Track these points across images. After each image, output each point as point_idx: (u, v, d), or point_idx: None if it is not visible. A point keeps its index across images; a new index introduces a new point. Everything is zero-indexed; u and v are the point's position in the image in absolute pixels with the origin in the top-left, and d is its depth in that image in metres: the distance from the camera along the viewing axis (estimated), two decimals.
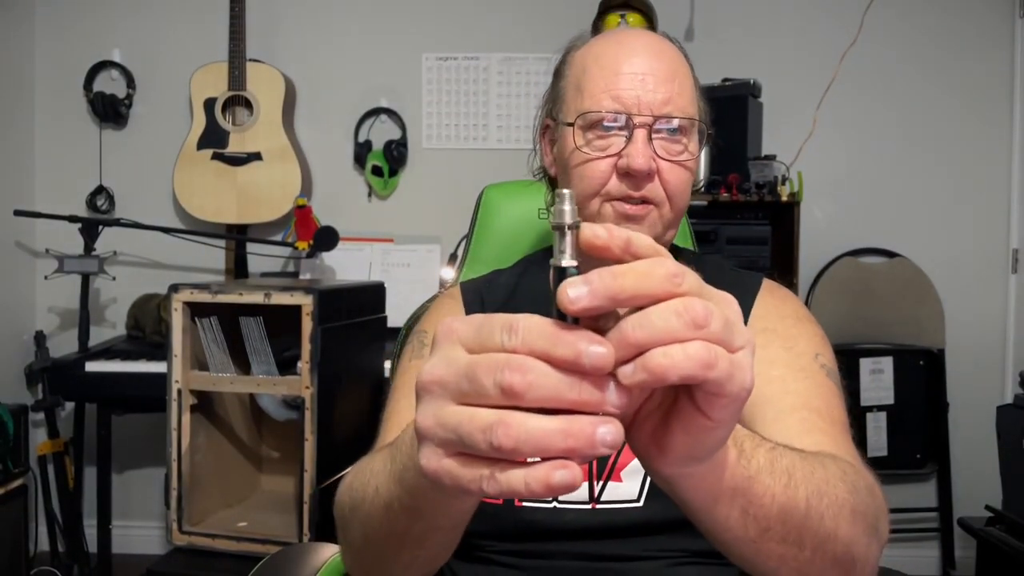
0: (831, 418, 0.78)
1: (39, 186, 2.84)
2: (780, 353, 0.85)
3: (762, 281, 0.97)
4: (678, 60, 0.91)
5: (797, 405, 0.78)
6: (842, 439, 0.76)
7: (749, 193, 2.49)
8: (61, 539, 2.53)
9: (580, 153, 0.89)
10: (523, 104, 2.81)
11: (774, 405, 0.79)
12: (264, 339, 1.82)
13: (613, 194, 0.89)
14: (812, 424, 0.76)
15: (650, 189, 0.88)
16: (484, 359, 0.40)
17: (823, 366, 0.85)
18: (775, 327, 0.88)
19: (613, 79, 0.88)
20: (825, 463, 0.62)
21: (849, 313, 2.68)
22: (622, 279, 0.40)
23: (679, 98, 0.88)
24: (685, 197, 0.91)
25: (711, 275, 0.92)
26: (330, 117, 2.82)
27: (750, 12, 2.77)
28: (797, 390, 0.80)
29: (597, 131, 0.89)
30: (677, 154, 0.88)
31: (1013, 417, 2.12)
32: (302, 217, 2.43)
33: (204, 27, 2.77)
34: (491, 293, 1.00)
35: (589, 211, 0.91)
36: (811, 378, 0.82)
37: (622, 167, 0.87)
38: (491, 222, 1.33)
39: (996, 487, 2.18)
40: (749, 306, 0.91)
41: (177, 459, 1.81)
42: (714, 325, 0.40)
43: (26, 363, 2.70)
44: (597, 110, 0.88)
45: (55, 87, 2.82)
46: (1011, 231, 2.77)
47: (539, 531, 0.83)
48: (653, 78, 0.87)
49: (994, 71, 2.75)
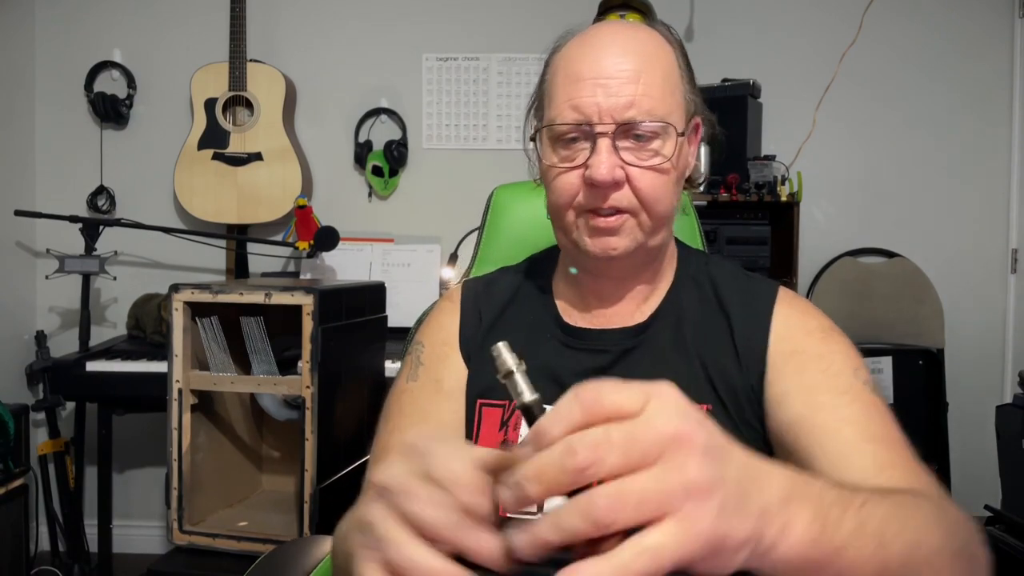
0: (893, 443, 0.75)
1: (40, 186, 2.85)
2: (819, 377, 0.81)
3: (777, 291, 0.91)
4: (649, 54, 0.86)
5: (859, 437, 0.75)
6: (912, 466, 0.73)
7: (749, 193, 2.49)
8: (62, 539, 2.54)
9: (550, 165, 0.88)
10: (523, 104, 2.77)
11: (834, 438, 0.75)
12: (264, 339, 1.83)
13: (584, 206, 0.86)
14: (882, 459, 0.73)
15: (619, 198, 0.84)
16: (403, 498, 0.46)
17: (865, 383, 0.80)
18: (804, 347, 0.84)
19: (574, 87, 0.84)
20: (920, 507, 0.59)
21: (848, 313, 2.68)
22: (532, 490, 0.42)
23: (645, 99, 0.83)
24: (665, 201, 0.86)
25: (721, 282, 0.92)
26: (330, 117, 2.83)
27: (750, 12, 2.77)
28: (852, 418, 0.76)
29: (563, 142, 0.86)
30: (648, 158, 0.84)
31: (1012, 417, 2.12)
32: (302, 217, 2.44)
33: (204, 27, 2.77)
34: (491, 297, 1.00)
35: (565, 222, 0.88)
36: (858, 400, 0.78)
37: (587, 178, 0.84)
38: (500, 223, 1.33)
39: (995, 487, 2.18)
40: (766, 320, 0.87)
41: (178, 459, 1.81)
42: (623, 519, 0.40)
43: (27, 363, 2.70)
44: (560, 122, 0.85)
45: (56, 87, 2.83)
46: (1011, 231, 2.77)
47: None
48: (616, 81, 0.83)
49: (994, 71, 2.75)
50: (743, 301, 0.90)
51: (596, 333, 0.92)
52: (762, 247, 2.49)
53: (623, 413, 0.43)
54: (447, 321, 1.00)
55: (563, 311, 0.96)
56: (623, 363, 0.89)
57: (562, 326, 0.94)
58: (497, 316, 0.98)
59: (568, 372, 0.89)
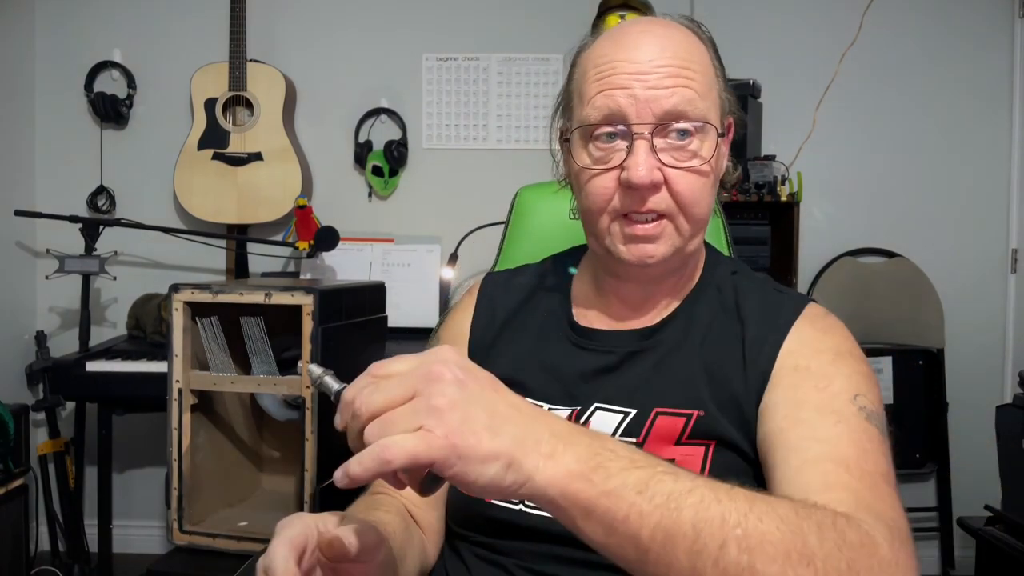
0: (861, 470, 0.70)
1: (40, 186, 2.85)
2: (811, 394, 0.77)
3: (804, 308, 0.86)
4: (687, 48, 0.82)
5: (822, 456, 0.71)
6: (870, 494, 0.68)
7: (749, 193, 2.49)
8: (62, 539, 2.54)
9: (583, 167, 0.84)
10: (523, 104, 2.82)
11: (799, 454, 0.73)
12: (265, 339, 1.83)
13: (619, 210, 0.83)
14: (835, 479, 0.69)
15: (657, 201, 0.81)
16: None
17: (862, 408, 0.76)
18: (808, 364, 0.80)
19: (608, 80, 0.81)
20: (764, 498, 0.59)
21: (848, 313, 2.67)
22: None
23: (687, 90, 0.80)
24: (703, 204, 0.83)
25: (745, 292, 0.90)
26: (330, 117, 2.83)
27: (750, 12, 2.77)
28: (827, 437, 0.73)
29: (598, 142, 0.83)
30: (687, 159, 0.81)
31: (1012, 417, 2.12)
32: (302, 217, 2.44)
33: (204, 27, 2.77)
34: (509, 293, 1.01)
35: (599, 228, 0.85)
36: (844, 422, 0.74)
37: (624, 180, 0.81)
38: (524, 223, 1.34)
39: (995, 487, 2.18)
40: (782, 333, 0.83)
41: (178, 459, 1.81)
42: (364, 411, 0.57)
43: (27, 363, 2.70)
44: (594, 121, 0.82)
45: (56, 87, 2.83)
46: (1011, 231, 2.77)
47: (510, 529, 0.83)
48: (654, 75, 0.80)
49: (994, 71, 2.75)
50: (763, 312, 0.87)
51: (606, 334, 0.92)
52: (762, 247, 2.49)
53: (400, 374, 0.57)
54: (460, 318, 1.01)
55: (577, 311, 0.96)
56: (626, 365, 0.89)
57: (573, 326, 0.94)
58: (513, 312, 0.99)
59: (573, 371, 0.90)
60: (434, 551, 0.92)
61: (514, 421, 0.57)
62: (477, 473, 0.54)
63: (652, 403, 0.85)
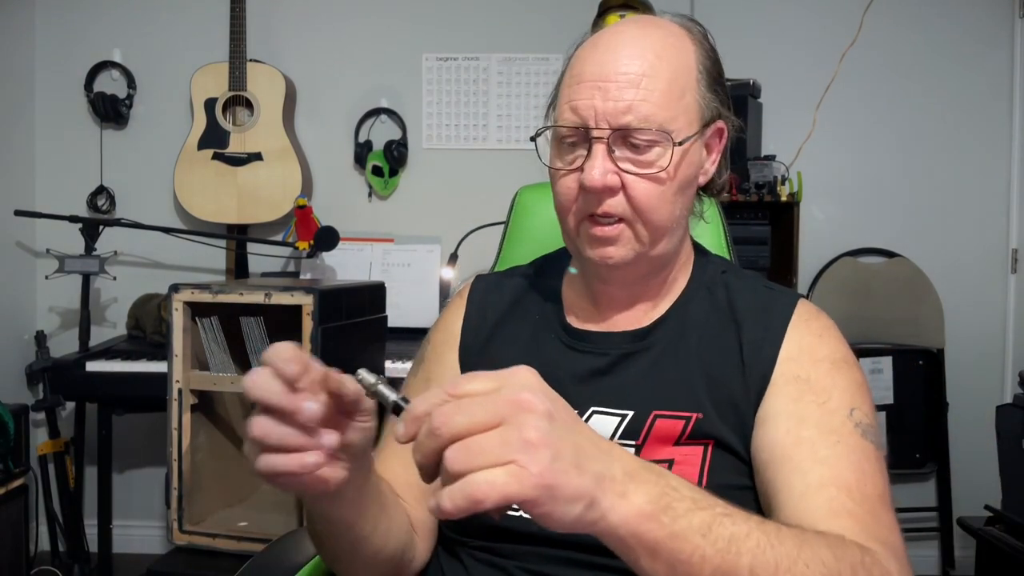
0: (863, 494, 0.73)
1: (40, 186, 2.85)
2: (811, 409, 0.79)
3: (795, 306, 0.88)
4: (656, 56, 0.82)
5: (826, 480, 0.74)
6: (873, 520, 0.71)
7: (748, 193, 2.49)
8: (62, 539, 2.54)
9: (553, 168, 0.87)
10: (523, 104, 2.82)
11: (802, 477, 0.75)
12: (264, 339, 1.82)
13: (583, 211, 0.85)
14: (839, 506, 0.72)
15: (614, 205, 0.82)
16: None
17: (858, 424, 0.78)
18: (808, 375, 0.82)
19: (575, 89, 0.83)
20: (808, 540, 0.63)
21: (848, 313, 2.68)
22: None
23: (643, 105, 0.80)
24: (662, 211, 0.84)
25: (737, 291, 0.91)
26: (330, 117, 2.83)
27: (750, 12, 2.77)
28: (828, 459, 0.75)
29: (564, 145, 0.85)
30: (646, 165, 0.82)
31: (1012, 417, 2.12)
32: (302, 217, 2.44)
33: (204, 27, 2.77)
34: (501, 295, 1.01)
35: (567, 226, 0.88)
36: (843, 442, 0.76)
37: (580, 182, 0.83)
38: (524, 223, 1.34)
39: (995, 487, 2.18)
40: (779, 337, 0.85)
41: (178, 459, 1.81)
42: (472, 466, 0.52)
43: (27, 363, 2.70)
44: (561, 123, 0.84)
45: (56, 87, 2.83)
46: (1011, 231, 2.77)
47: (510, 534, 0.83)
48: (615, 84, 0.81)
49: (994, 71, 2.75)
50: (757, 313, 0.88)
51: (598, 336, 0.92)
52: (762, 247, 2.49)
53: (481, 394, 0.54)
54: (451, 319, 1.01)
55: (569, 312, 0.96)
56: (620, 366, 0.89)
57: (565, 327, 0.94)
58: (504, 314, 0.99)
59: (567, 373, 0.89)
60: (424, 548, 0.91)
61: (595, 458, 0.55)
62: (563, 512, 0.53)
63: (649, 405, 0.85)
